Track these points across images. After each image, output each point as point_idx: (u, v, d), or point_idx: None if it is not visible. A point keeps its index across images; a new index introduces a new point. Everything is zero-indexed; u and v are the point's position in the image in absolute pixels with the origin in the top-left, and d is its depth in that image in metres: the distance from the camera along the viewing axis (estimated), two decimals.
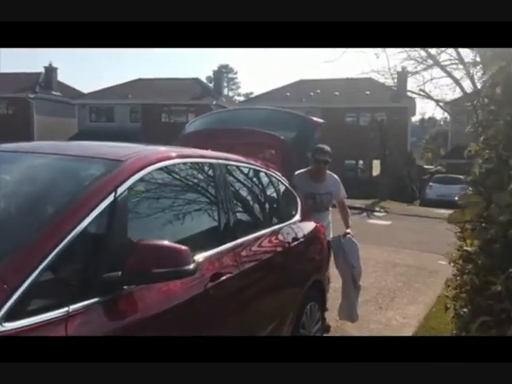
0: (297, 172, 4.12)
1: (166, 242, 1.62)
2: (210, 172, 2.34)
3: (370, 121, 24.67)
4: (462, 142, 23.09)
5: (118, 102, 29.04)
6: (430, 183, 22.35)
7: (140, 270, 1.54)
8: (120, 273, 1.53)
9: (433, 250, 9.21)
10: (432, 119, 62.04)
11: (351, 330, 4.24)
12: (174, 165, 2.10)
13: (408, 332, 4.37)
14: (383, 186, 21.29)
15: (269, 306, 2.53)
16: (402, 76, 18.07)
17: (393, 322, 4.67)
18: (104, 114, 29.54)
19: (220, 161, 2.44)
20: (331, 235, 4.29)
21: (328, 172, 4.25)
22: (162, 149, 2.20)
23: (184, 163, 2.19)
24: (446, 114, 48.43)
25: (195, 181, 2.27)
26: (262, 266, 2.49)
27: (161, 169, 1.99)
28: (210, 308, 1.97)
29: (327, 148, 4.08)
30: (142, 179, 1.84)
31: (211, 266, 2.01)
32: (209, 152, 2.48)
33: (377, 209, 17.57)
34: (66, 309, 1.38)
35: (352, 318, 4.00)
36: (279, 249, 2.80)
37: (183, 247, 1.60)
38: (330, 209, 4.30)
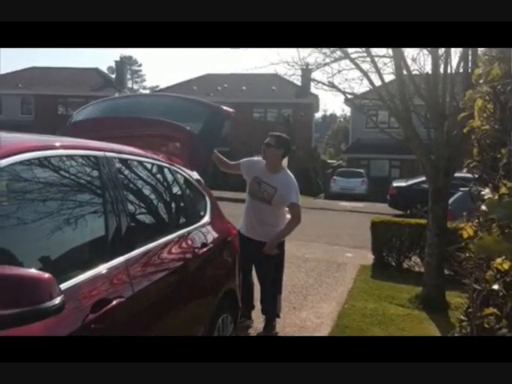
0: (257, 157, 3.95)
1: (13, 269, 1.12)
2: (95, 167, 1.85)
3: (277, 116, 24.88)
4: (361, 137, 24.46)
5: (6, 92, 26.71)
6: (334, 177, 23.24)
7: None
8: None
9: (340, 243, 9.38)
10: (333, 115, 65.14)
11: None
12: (44, 157, 1.60)
13: (324, 333, 4.20)
14: None
15: (174, 328, 2.10)
16: (307, 72, 18.59)
17: (308, 323, 4.48)
18: None
19: (109, 153, 1.96)
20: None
21: (287, 172, 3.89)
22: (26, 137, 1.67)
23: (59, 155, 1.69)
24: (345, 111, 50.92)
25: (73, 178, 1.74)
26: (164, 282, 2.05)
27: (25, 162, 1.49)
28: None
29: (276, 133, 3.95)
30: None
31: (93, 291, 1.54)
32: (94, 143, 1.98)
33: None
34: None
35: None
36: (185, 259, 2.38)
37: (44, 275, 1.13)
38: (286, 209, 3.93)
